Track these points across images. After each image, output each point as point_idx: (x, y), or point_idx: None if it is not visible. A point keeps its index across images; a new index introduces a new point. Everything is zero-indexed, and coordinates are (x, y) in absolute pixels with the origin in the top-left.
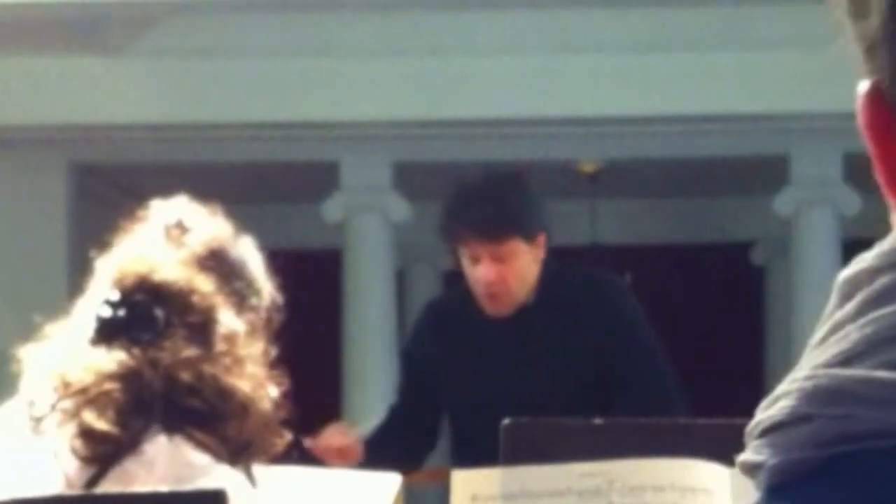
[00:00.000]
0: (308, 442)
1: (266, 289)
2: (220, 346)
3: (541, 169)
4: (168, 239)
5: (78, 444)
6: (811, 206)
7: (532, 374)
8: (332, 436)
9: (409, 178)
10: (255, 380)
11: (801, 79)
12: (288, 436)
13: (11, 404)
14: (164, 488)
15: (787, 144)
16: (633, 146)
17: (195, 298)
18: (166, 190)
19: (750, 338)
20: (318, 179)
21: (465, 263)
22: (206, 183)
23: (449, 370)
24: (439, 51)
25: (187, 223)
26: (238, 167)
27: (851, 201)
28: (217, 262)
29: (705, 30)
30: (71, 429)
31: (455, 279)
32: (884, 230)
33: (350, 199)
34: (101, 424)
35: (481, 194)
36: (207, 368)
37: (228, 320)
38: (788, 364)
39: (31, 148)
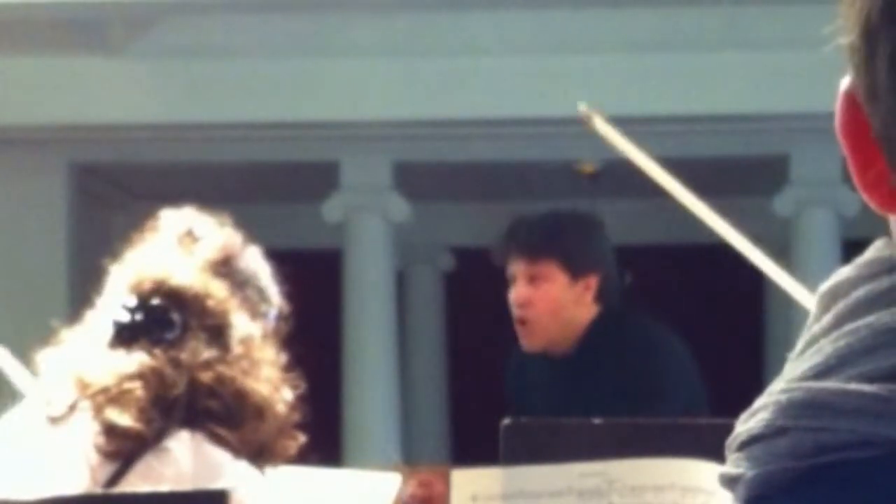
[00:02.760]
0: (409, 493)
1: (275, 297)
2: (236, 350)
3: (541, 169)
4: (181, 247)
5: (101, 440)
6: (811, 206)
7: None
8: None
9: (409, 178)
10: (271, 383)
11: (801, 79)
12: (301, 438)
13: (25, 405)
14: (188, 486)
15: (787, 144)
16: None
17: (210, 303)
18: (166, 190)
19: (750, 338)
20: (318, 179)
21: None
22: (206, 183)
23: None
24: (439, 51)
25: (198, 232)
26: (238, 167)
27: (851, 201)
28: (229, 270)
29: (705, 30)
30: (94, 426)
31: (455, 280)
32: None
33: (350, 199)
34: (124, 420)
35: (536, 216)
36: (226, 371)
37: (243, 324)
38: None
39: (31, 148)
